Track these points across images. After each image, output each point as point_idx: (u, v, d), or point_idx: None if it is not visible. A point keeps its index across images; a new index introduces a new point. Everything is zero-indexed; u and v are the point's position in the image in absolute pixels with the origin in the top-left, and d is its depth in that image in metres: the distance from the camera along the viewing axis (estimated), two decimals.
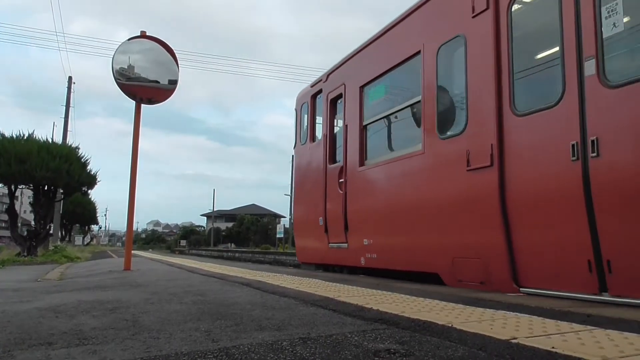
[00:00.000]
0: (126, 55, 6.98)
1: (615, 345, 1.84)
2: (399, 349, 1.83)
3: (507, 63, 4.59)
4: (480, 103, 4.80)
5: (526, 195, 4.31)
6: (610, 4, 3.70)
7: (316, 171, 8.31)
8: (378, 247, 6.47)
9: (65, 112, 28.43)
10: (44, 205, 15.18)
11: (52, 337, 2.16)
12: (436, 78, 5.51)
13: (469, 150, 4.86)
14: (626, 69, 3.72)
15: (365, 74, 7.03)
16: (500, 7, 4.68)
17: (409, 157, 5.89)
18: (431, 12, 5.78)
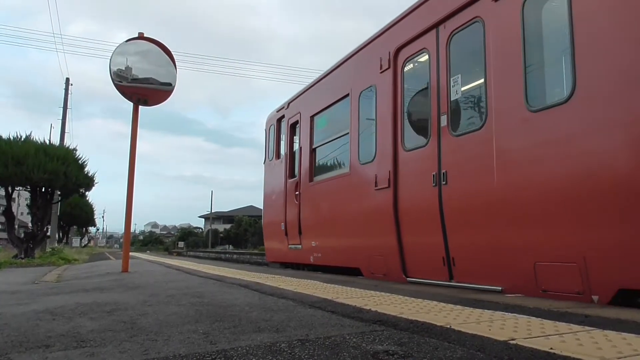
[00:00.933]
0: (124, 57, 6.98)
1: (613, 346, 1.84)
2: (398, 350, 1.83)
3: (400, 110, 6.09)
4: (383, 139, 6.26)
5: (409, 209, 5.78)
6: (455, 77, 5.20)
7: (279, 184, 9.82)
8: (321, 248, 7.98)
9: (63, 114, 28.38)
10: (41, 207, 15.14)
11: (50, 340, 2.15)
12: (358, 117, 7.02)
13: (376, 175, 6.31)
14: (463, 123, 5.14)
15: (315, 106, 8.52)
16: (397, 68, 6.17)
17: (341, 177, 7.47)
18: (356, 64, 7.28)
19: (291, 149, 9.50)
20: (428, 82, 5.58)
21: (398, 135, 6.02)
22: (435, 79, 5.43)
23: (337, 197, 7.50)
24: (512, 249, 4.27)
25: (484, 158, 4.58)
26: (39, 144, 15.20)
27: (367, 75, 6.81)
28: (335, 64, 7.94)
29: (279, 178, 9.86)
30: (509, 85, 4.45)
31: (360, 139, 6.92)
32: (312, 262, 8.15)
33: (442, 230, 5.08)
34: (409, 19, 6.05)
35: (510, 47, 4.49)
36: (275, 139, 10.33)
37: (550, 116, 3.98)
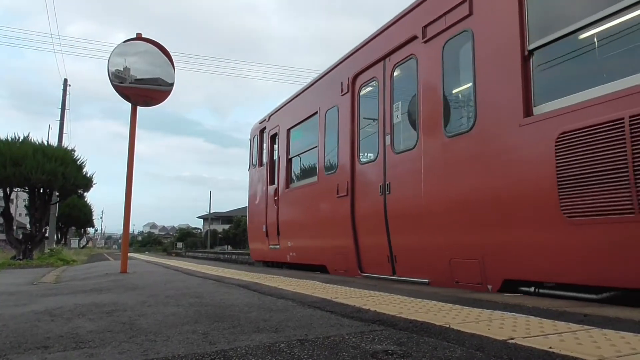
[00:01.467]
0: (122, 58, 6.97)
1: (612, 345, 1.85)
2: (397, 350, 1.83)
3: (357, 128, 7.04)
4: (344, 153, 7.22)
5: (362, 215, 6.69)
6: (397, 103, 6.17)
7: (261, 189, 10.78)
8: (296, 248, 8.93)
9: (61, 115, 28.31)
10: (40, 208, 15.11)
11: (49, 341, 2.15)
12: (325, 132, 7.98)
13: (338, 184, 7.25)
14: (401, 143, 6.03)
15: (291, 120, 9.46)
16: (355, 92, 7.14)
17: (311, 185, 8.42)
18: (324, 86, 8.21)
19: (272, 157, 10.42)
20: (377, 105, 6.57)
21: (355, 150, 7.03)
22: (382, 104, 6.43)
23: (308, 202, 8.53)
24: (434, 248, 5.20)
25: (415, 173, 5.54)
26: (37, 144, 15.18)
27: (332, 96, 7.78)
28: (308, 84, 8.96)
29: (261, 184, 10.84)
30: (432, 113, 5.40)
31: (326, 152, 7.97)
32: (288, 261, 9.16)
33: (386, 233, 6.04)
34: (364, 50, 7.05)
35: (433, 81, 5.45)
36: (259, 148, 11.34)
37: (459, 141, 4.96)
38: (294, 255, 8.98)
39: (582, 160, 3.71)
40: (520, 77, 4.35)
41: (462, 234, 4.82)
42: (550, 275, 4.10)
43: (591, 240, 3.67)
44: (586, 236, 3.70)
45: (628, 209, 3.34)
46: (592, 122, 3.63)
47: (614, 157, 3.47)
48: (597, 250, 3.62)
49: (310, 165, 8.83)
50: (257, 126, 11.47)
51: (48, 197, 15.65)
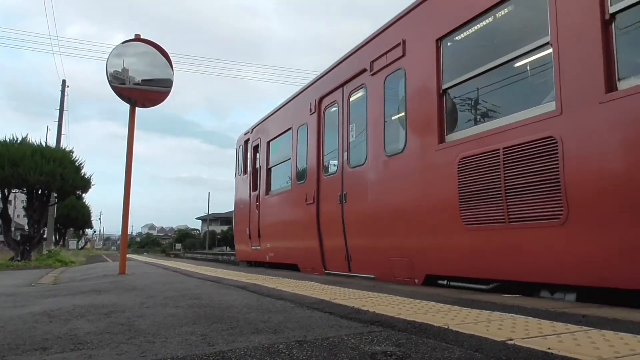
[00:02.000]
0: (120, 59, 6.97)
1: (610, 346, 1.85)
2: (396, 351, 1.83)
3: (322, 144, 8.02)
4: (312, 166, 8.19)
5: (326, 220, 7.63)
6: (352, 124, 7.15)
7: (245, 195, 11.81)
8: (274, 249, 9.93)
9: (59, 116, 28.29)
10: (38, 209, 15.10)
11: (47, 342, 2.14)
12: (297, 147, 8.93)
13: (306, 193, 8.21)
14: (355, 159, 6.97)
15: (271, 133, 10.47)
16: (321, 112, 8.13)
17: (286, 192, 9.40)
18: (297, 104, 9.16)
19: (254, 166, 11.43)
20: (337, 126, 7.58)
21: (320, 163, 8.01)
22: (341, 124, 7.43)
23: (284, 208, 9.57)
24: (379, 249, 6.21)
25: (364, 186, 6.54)
26: (36, 145, 15.17)
27: (303, 115, 8.76)
28: (284, 101, 9.93)
29: (245, 190, 11.87)
30: (376, 135, 6.41)
31: (297, 163, 8.95)
32: (267, 260, 10.19)
33: (344, 237, 7.02)
34: (329, 76, 8.02)
35: (377, 108, 6.44)
36: (243, 158, 12.32)
37: (395, 160, 5.98)
38: (272, 255, 10.01)
39: (473, 180, 4.69)
40: (435, 111, 5.32)
41: (398, 238, 5.86)
42: (457, 271, 5.07)
43: (481, 243, 4.67)
44: (477, 240, 4.70)
45: (502, 219, 4.36)
46: (480, 151, 4.64)
47: (493, 178, 4.46)
48: (485, 251, 4.63)
49: (285, 175, 9.79)
50: (242, 137, 12.51)
51: (46, 198, 15.64)
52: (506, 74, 4.75)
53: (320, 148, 8.03)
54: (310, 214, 8.02)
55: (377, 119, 6.41)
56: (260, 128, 11.27)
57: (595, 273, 3.74)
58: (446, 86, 5.26)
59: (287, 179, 9.61)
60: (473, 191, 4.68)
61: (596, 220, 3.71)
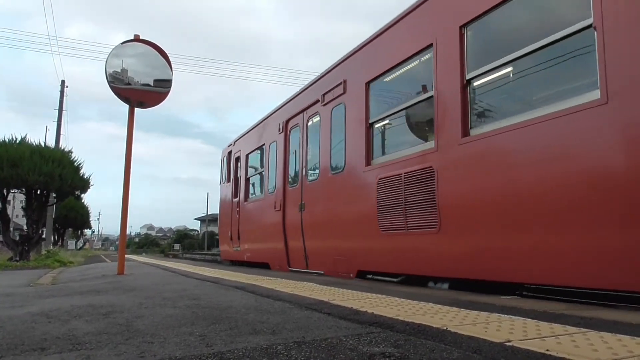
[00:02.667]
0: (120, 59, 6.96)
1: (608, 348, 1.85)
2: (394, 352, 1.83)
3: (288, 160, 9.41)
4: (280, 178, 9.61)
5: (289, 225, 8.97)
6: (310, 145, 8.55)
7: (228, 201, 13.30)
8: (250, 250, 11.50)
9: (58, 116, 28.29)
10: (37, 210, 15.08)
11: (45, 343, 2.14)
12: (268, 161, 10.41)
13: (275, 201, 9.63)
14: (311, 175, 8.39)
15: (249, 147, 11.98)
16: (287, 132, 9.58)
17: (260, 200, 10.93)
18: (269, 124, 10.66)
19: (236, 175, 12.87)
20: (298, 145, 9.00)
21: (286, 177, 9.39)
22: (302, 144, 8.85)
23: (258, 214, 10.92)
24: (326, 250, 7.64)
25: (317, 197, 8.02)
26: (34, 146, 15.15)
27: (273, 134, 10.21)
28: (260, 119, 11.39)
29: (228, 197, 13.35)
30: (325, 156, 7.83)
31: (269, 175, 10.37)
32: (245, 260, 11.82)
33: (302, 239, 8.37)
34: (294, 102, 9.46)
35: (326, 134, 7.85)
36: (227, 167, 13.69)
37: (337, 178, 7.37)
38: (249, 255, 11.58)
39: (386, 196, 6.02)
40: (364, 140, 6.69)
41: (339, 241, 7.27)
42: (378, 268, 6.53)
43: (391, 246, 5.98)
44: (389, 243, 5.99)
45: (403, 227, 5.69)
46: (390, 174, 5.99)
47: (398, 195, 5.79)
48: (394, 251, 5.98)
49: (260, 185, 11.34)
50: (226, 149, 13.92)
51: (45, 199, 15.62)
52: (408, 117, 6.31)
53: (286, 163, 9.48)
54: (278, 220, 9.45)
55: (326, 142, 7.86)
56: (241, 141, 12.73)
57: (459, 268, 5.01)
58: (372, 120, 6.66)
59: (261, 188, 11.20)
60: (386, 205, 6.04)
61: (458, 229, 4.97)
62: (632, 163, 3.53)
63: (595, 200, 3.71)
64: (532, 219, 4.20)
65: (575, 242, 3.87)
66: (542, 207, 4.10)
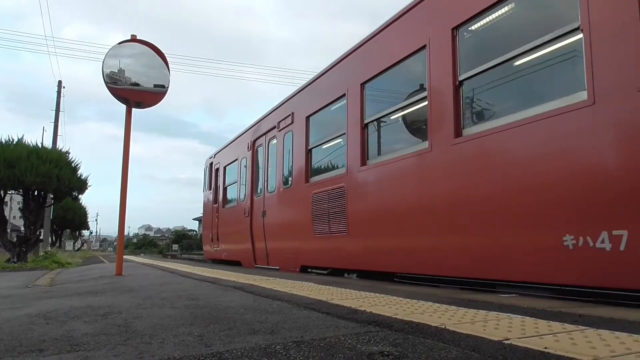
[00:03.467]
0: (117, 59, 6.94)
1: (606, 345, 1.85)
2: (393, 351, 1.83)
3: (254, 174, 11.28)
4: (248, 189, 11.54)
5: (255, 229, 10.80)
6: (270, 162, 10.45)
7: (209, 207, 15.30)
8: (227, 249, 13.50)
9: (55, 117, 28.23)
10: (34, 211, 15.03)
11: (43, 344, 2.13)
12: (240, 174, 12.41)
13: (245, 208, 11.56)
14: (272, 187, 10.09)
15: (226, 160, 13.96)
16: (254, 150, 11.48)
17: (234, 207, 12.86)
18: (240, 142, 12.70)
19: (216, 184, 14.79)
20: (262, 162, 10.95)
21: (253, 188, 11.32)
22: (264, 161, 10.80)
23: (232, 219, 12.78)
24: (281, 249, 9.41)
25: (275, 206, 9.86)
26: (32, 147, 15.09)
27: (244, 150, 12.19)
28: (236, 136, 13.39)
29: (210, 203, 15.26)
30: (279, 173, 9.75)
31: (241, 185, 12.30)
32: (223, 258, 13.80)
33: (264, 241, 10.23)
34: (260, 125, 11.33)
35: (281, 155, 9.77)
36: (209, 177, 15.54)
37: (287, 192, 9.32)
38: (226, 254, 13.53)
39: (317, 207, 7.84)
40: (304, 161, 8.55)
41: (289, 242, 9.07)
42: (314, 263, 8.25)
43: (322, 246, 7.75)
44: (320, 244, 7.78)
45: (328, 231, 7.46)
46: (320, 190, 7.86)
47: (324, 207, 7.61)
48: (324, 251, 7.72)
49: (234, 193, 13.10)
50: (208, 160, 15.91)
51: (42, 200, 15.56)
52: (332, 148, 8.02)
53: (253, 176, 11.43)
54: (247, 225, 11.31)
55: (280, 161, 9.77)
56: (220, 154, 14.66)
57: (362, 262, 6.81)
58: (310, 147, 8.52)
59: (235, 196, 13.01)
60: (317, 214, 7.84)
61: (359, 233, 6.77)
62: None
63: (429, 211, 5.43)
64: (396, 228, 6.02)
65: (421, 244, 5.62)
66: (400, 221, 5.96)
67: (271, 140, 10.38)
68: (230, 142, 13.68)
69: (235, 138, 13.24)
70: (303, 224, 8.24)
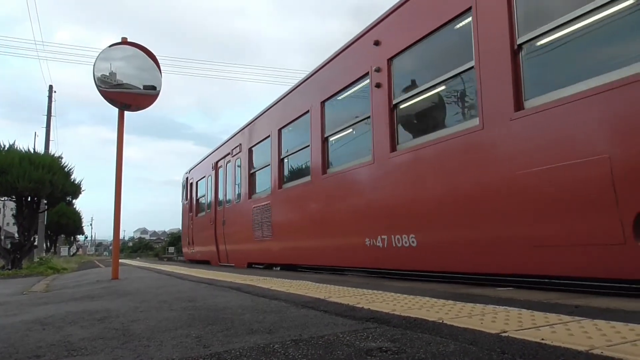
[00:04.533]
0: (107, 62, 6.91)
1: (602, 335, 1.87)
2: (391, 346, 1.84)
3: (217, 190, 13.94)
4: (213, 201, 14.19)
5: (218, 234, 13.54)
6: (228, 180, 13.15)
7: (186, 215, 18.17)
8: (199, 251, 16.03)
9: (47, 121, 27.98)
10: (28, 217, 14.92)
11: (40, 350, 2.12)
12: (208, 188, 14.80)
13: (210, 218, 14.29)
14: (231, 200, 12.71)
15: (198, 176, 16.48)
16: (217, 170, 14.11)
17: (203, 216, 15.37)
18: (207, 162, 15.00)
19: (191, 196, 17.51)
20: (222, 180, 13.36)
21: (216, 201, 13.78)
22: (223, 179, 13.26)
23: (203, 225, 15.24)
24: (235, 251, 12.07)
25: (230, 216, 12.39)
26: (24, 152, 14.97)
27: (210, 169, 14.72)
28: (205, 156, 15.68)
29: (187, 212, 18.05)
30: (233, 190, 12.27)
31: (208, 198, 14.75)
32: (197, 258, 16.54)
33: (224, 244, 12.66)
34: (220, 149, 13.77)
35: (232, 175, 12.46)
36: (185, 189, 18.48)
37: (237, 205, 11.93)
38: (199, 255, 16.20)
39: (256, 218, 10.19)
40: (248, 182, 11.12)
41: (239, 245, 11.67)
42: (256, 260, 10.65)
43: (260, 247, 10.16)
44: (259, 246, 10.16)
45: (261, 237, 10.04)
46: (255, 205, 10.38)
47: (259, 218, 10.12)
48: (261, 251, 10.14)
49: (204, 204, 15.65)
50: (185, 174, 18.86)
51: (36, 206, 15.46)
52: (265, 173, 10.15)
53: (217, 191, 13.90)
54: (212, 231, 13.89)
55: (233, 181, 12.26)
56: (194, 171, 17.30)
57: (281, 258, 9.37)
58: (251, 171, 11.02)
59: (204, 207, 15.57)
60: (257, 223, 10.18)
61: (280, 237, 9.21)
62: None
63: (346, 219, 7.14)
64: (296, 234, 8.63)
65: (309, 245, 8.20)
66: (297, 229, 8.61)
67: (228, 163, 12.95)
68: (201, 161, 16.23)
69: (205, 158, 15.80)
70: (248, 231, 10.70)
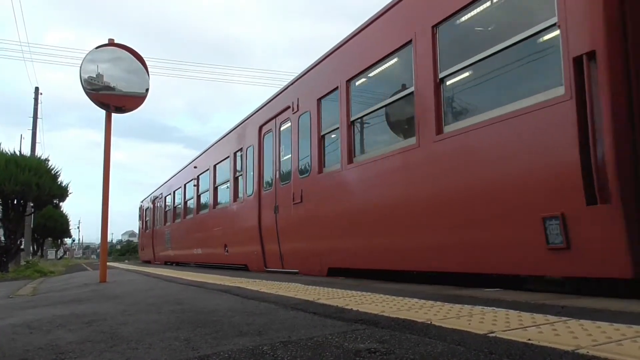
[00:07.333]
0: (94, 64, 6.87)
1: (588, 335, 1.89)
2: (379, 347, 1.85)
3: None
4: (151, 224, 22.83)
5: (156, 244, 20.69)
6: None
7: (142, 231, 25.29)
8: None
9: (33, 124, 27.77)
10: (14, 220, 14.77)
11: (28, 354, 2.10)
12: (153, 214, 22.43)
13: (149, 234, 22.78)
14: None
15: (146, 206, 23.47)
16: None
17: (148, 232, 22.68)
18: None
19: (145, 219, 23.44)
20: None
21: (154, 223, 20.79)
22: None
23: (149, 239, 21.93)
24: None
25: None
26: (10, 155, 14.84)
27: (149, 203, 21.82)
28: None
29: (142, 229, 24.63)
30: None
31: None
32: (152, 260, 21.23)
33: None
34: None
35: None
36: (141, 214, 24.76)
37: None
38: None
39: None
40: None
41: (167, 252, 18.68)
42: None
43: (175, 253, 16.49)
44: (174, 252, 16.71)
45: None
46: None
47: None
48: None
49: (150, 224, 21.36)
50: (140, 203, 24.86)
51: (22, 208, 15.31)
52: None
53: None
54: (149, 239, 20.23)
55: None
56: (144, 201, 23.23)
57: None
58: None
59: (150, 225, 21.34)
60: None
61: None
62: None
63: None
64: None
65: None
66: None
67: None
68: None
69: (157, 188, 20.26)
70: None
